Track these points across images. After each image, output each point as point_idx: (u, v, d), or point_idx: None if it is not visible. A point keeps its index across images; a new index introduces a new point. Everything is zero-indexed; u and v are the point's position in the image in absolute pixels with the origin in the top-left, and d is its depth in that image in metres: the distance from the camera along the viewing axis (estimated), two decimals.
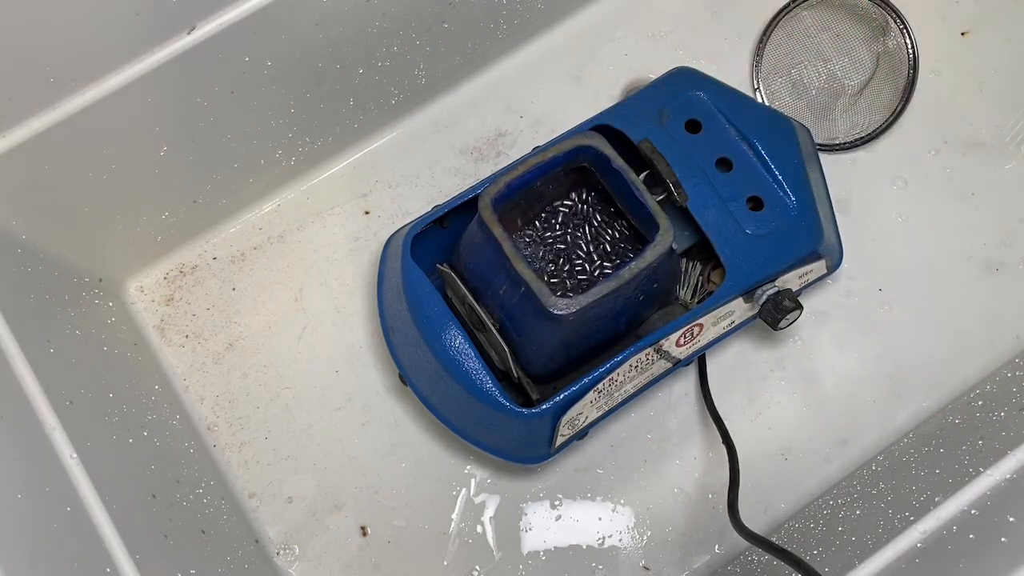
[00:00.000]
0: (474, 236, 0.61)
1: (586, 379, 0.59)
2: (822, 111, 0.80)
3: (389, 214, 0.80)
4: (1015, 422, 0.60)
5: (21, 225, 0.67)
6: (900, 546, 0.52)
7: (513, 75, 0.83)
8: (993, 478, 0.53)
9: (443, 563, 0.71)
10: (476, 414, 0.62)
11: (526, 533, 0.71)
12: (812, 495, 0.71)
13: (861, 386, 0.73)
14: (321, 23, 0.69)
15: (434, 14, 0.74)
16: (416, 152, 0.81)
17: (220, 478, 0.72)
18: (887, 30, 0.79)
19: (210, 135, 0.71)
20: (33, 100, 0.62)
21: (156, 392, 0.72)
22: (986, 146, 0.79)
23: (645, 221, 0.59)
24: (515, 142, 0.81)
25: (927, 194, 0.78)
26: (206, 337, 0.77)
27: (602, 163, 0.60)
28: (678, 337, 0.62)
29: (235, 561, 0.66)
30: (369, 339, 0.76)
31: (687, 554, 0.70)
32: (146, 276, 0.78)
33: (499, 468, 0.73)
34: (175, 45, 0.64)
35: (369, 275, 0.78)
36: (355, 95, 0.77)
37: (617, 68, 0.83)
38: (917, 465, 0.65)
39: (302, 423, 0.74)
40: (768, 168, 0.65)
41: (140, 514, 0.59)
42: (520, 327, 0.60)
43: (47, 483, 0.55)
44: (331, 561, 0.71)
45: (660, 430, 0.73)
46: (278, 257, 0.79)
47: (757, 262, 0.63)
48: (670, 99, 0.67)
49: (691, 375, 0.74)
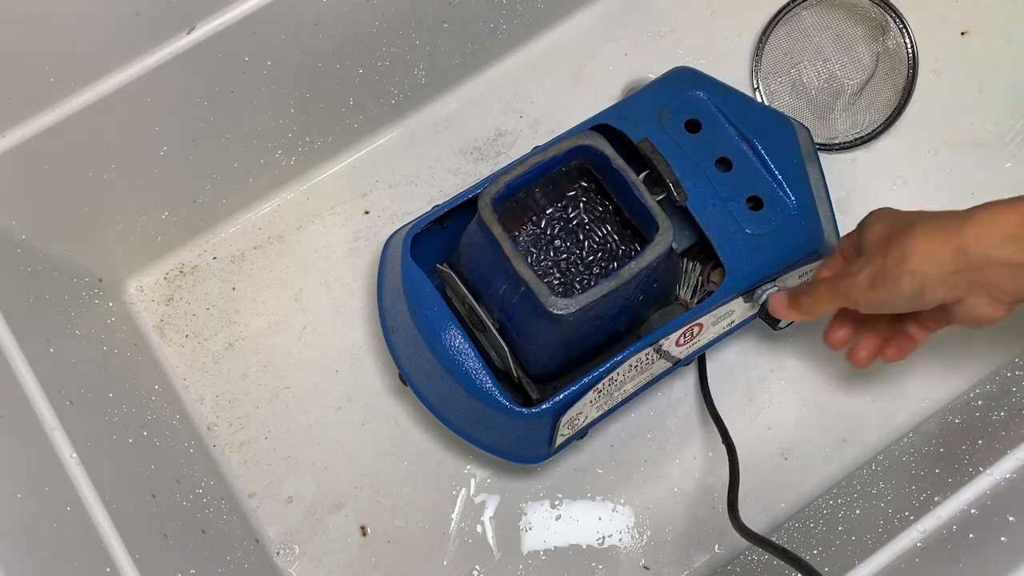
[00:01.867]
0: (474, 236, 0.61)
1: (586, 379, 0.59)
2: (822, 111, 0.80)
3: (389, 214, 0.80)
4: (1015, 422, 0.60)
5: (21, 225, 0.67)
6: (900, 546, 0.52)
7: (513, 75, 0.83)
8: (993, 478, 0.53)
9: (443, 563, 0.71)
10: (476, 414, 0.62)
11: (526, 533, 0.71)
12: (812, 495, 0.71)
13: (861, 386, 0.73)
14: (321, 23, 0.69)
15: (434, 14, 0.74)
16: (416, 152, 0.81)
17: (220, 478, 0.72)
18: (887, 30, 0.79)
19: (210, 135, 0.71)
20: (33, 100, 0.62)
21: (156, 392, 0.72)
22: (986, 146, 0.79)
23: (645, 221, 0.59)
24: (515, 142, 0.81)
25: (927, 194, 0.78)
26: (206, 337, 0.77)
27: (602, 163, 0.60)
28: (678, 337, 0.62)
29: (235, 561, 0.66)
30: (369, 339, 0.76)
31: (687, 554, 0.70)
32: (146, 276, 0.78)
33: (499, 468, 0.73)
34: (175, 45, 0.64)
35: (369, 275, 0.78)
36: (355, 95, 0.77)
37: (617, 68, 0.83)
38: (917, 465, 0.65)
39: (302, 423, 0.74)
40: (768, 168, 0.65)
41: (140, 514, 0.59)
42: (520, 327, 0.60)
43: (47, 483, 0.55)
44: (331, 561, 0.71)
45: (660, 430, 0.73)
46: (278, 257, 0.79)
47: (757, 262, 0.63)
48: (670, 99, 0.67)
49: (691, 375, 0.74)
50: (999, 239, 0.50)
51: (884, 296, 0.54)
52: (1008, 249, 0.50)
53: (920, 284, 0.52)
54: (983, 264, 0.50)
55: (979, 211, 0.51)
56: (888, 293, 0.54)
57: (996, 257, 0.50)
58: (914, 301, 0.53)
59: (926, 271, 0.52)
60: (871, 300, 0.55)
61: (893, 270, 0.53)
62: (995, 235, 0.50)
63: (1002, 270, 0.50)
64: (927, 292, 0.52)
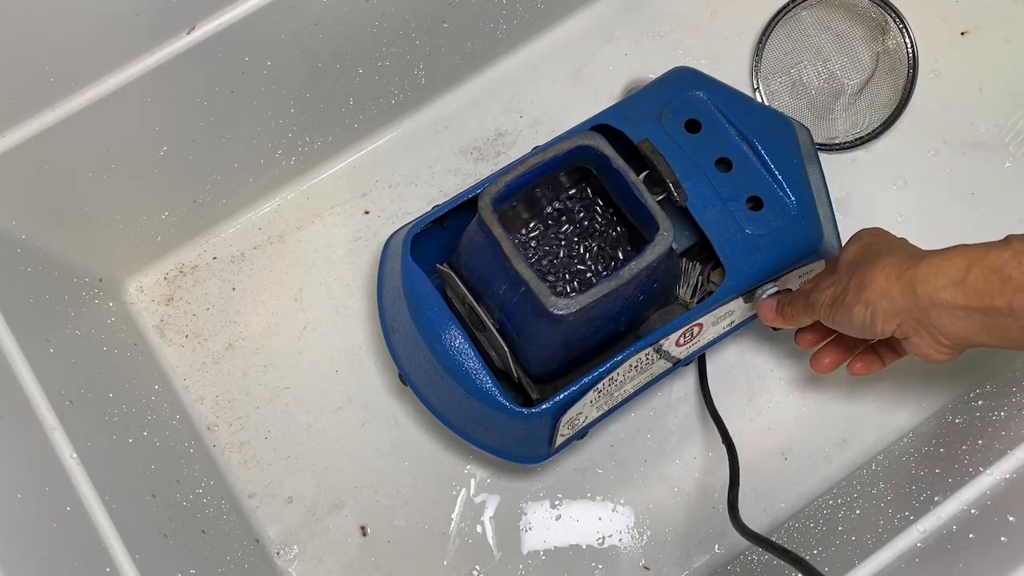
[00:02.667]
0: (474, 236, 0.61)
1: (586, 379, 0.59)
2: (822, 111, 0.80)
3: (389, 214, 0.80)
4: (1015, 422, 0.60)
5: (21, 225, 0.67)
6: (900, 546, 0.52)
7: (513, 75, 0.83)
8: (993, 478, 0.53)
9: (443, 563, 0.71)
10: (476, 414, 0.62)
11: (526, 533, 0.71)
12: (812, 495, 0.71)
13: (861, 386, 0.73)
14: (321, 23, 0.69)
15: (434, 14, 0.74)
16: (416, 152, 0.81)
17: (220, 478, 0.72)
18: (886, 29, 0.79)
19: (210, 135, 0.71)
20: (33, 100, 0.62)
21: (156, 392, 0.72)
22: (986, 146, 0.79)
23: (645, 221, 0.59)
24: (515, 142, 0.81)
25: (927, 194, 0.78)
26: (206, 337, 0.77)
27: (602, 163, 0.60)
28: (678, 337, 0.62)
29: (235, 561, 0.66)
30: (369, 339, 0.76)
31: (687, 554, 0.70)
32: (146, 276, 0.78)
33: (499, 468, 0.73)
34: (175, 45, 0.64)
35: (369, 275, 0.78)
36: (355, 95, 0.77)
37: (617, 68, 0.83)
38: (917, 465, 0.65)
39: (302, 423, 0.74)
40: (768, 168, 0.65)
41: (140, 514, 0.59)
42: (520, 327, 0.60)
43: (47, 483, 0.55)
44: (331, 561, 0.71)
45: (660, 430, 0.73)
46: (278, 257, 0.79)
47: (757, 262, 0.63)
48: (670, 99, 0.67)
49: (691, 375, 0.74)
50: (945, 282, 0.50)
51: (839, 319, 0.56)
52: (951, 293, 0.50)
53: (871, 315, 0.54)
54: (928, 305, 0.51)
55: (937, 253, 0.52)
56: (843, 317, 0.55)
57: (940, 299, 0.50)
58: (865, 330, 0.55)
59: (877, 304, 0.53)
60: (829, 318, 0.57)
61: (851, 296, 0.55)
62: (941, 278, 0.50)
63: (945, 313, 0.51)
64: (876, 324, 0.54)
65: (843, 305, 0.55)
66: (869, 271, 0.54)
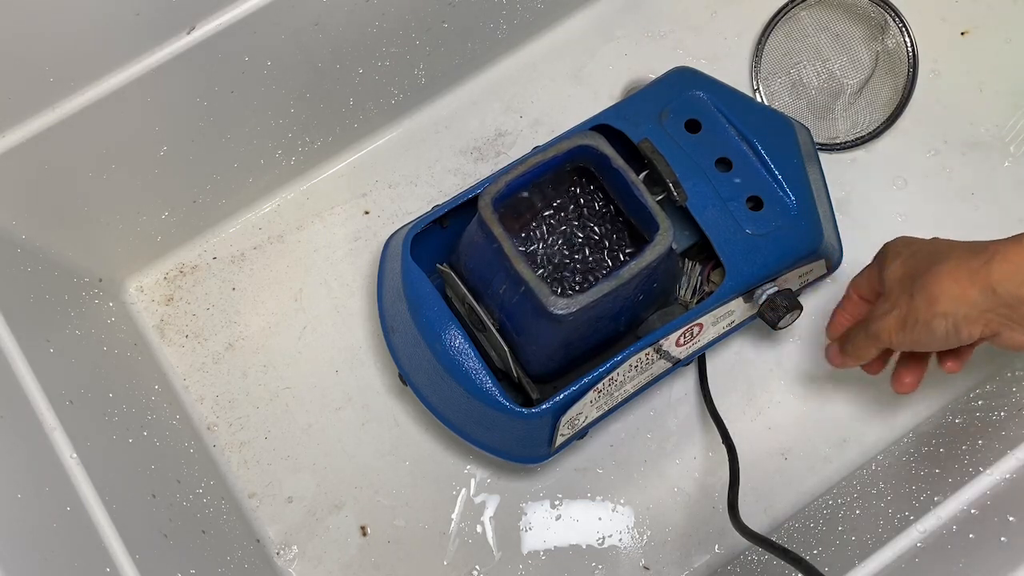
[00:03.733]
0: (474, 236, 0.61)
1: (586, 379, 0.59)
2: (822, 111, 0.80)
3: (389, 214, 0.80)
4: (1015, 422, 0.60)
5: (21, 225, 0.67)
6: (900, 546, 0.52)
7: (513, 75, 0.83)
8: (993, 478, 0.53)
9: (443, 563, 0.71)
10: (476, 414, 0.62)
11: (526, 533, 0.71)
12: (812, 495, 0.71)
13: (861, 386, 0.73)
14: (321, 23, 0.69)
15: (434, 14, 0.74)
16: (416, 152, 0.81)
17: (220, 478, 0.72)
18: (886, 29, 0.79)
19: (210, 135, 0.71)
20: (33, 100, 0.62)
21: (156, 392, 0.72)
22: (986, 146, 0.79)
23: (645, 221, 0.59)
24: (515, 142, 0.81)
25: (927, 194, 0.78)
26: (206, 337, 0.77)
27: (602, 163, 0.60)
28: (678, 337, 0.62)
29: (235, 561, 0.66)
30: (369, 339, 0.76)
31: (687, 554, 0.70)
32: (146, 276, 0.78)
33: (499, 468, 0.73)
34: (175, 45, 0.64)
35: (369, 275, 0.78)
36: (355, 95, 0.77)
37: (617, 68, 0.83)
38: (917, 465, 0.65)
39: (302, 423, 0.74)
40: (768, 168, 0.65)
41: (140, 514, 0.59)
42: (520, 327, 0.60)
43: (47, 483, 0.55)
44: (331, 561, 0.71)
45: (660, 430, 0.73)
46: (278, 257, 0.79)
47: (757, 262, 0.63)
48: (670, 99, 0.67)
49: (691, 375, 0.74)
50: None
51: (918, 338, 0.54)
52: None
53: (953, 325, 0.52)
54: (1015, 302, 0.51)
55: (1002, 248, 0.51)
56: (922, 335, 0.54)
57: None
58: (950, 340, 0.54)
59: (956, 312, 0.52)
60: (904, 342, 0.56)
61: (924, 313, 0.53)
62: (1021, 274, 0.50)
63: None
64: (962, 331, 0.53)
65: (918, 324, 0.54)
66: (932, 282, 0.53)
